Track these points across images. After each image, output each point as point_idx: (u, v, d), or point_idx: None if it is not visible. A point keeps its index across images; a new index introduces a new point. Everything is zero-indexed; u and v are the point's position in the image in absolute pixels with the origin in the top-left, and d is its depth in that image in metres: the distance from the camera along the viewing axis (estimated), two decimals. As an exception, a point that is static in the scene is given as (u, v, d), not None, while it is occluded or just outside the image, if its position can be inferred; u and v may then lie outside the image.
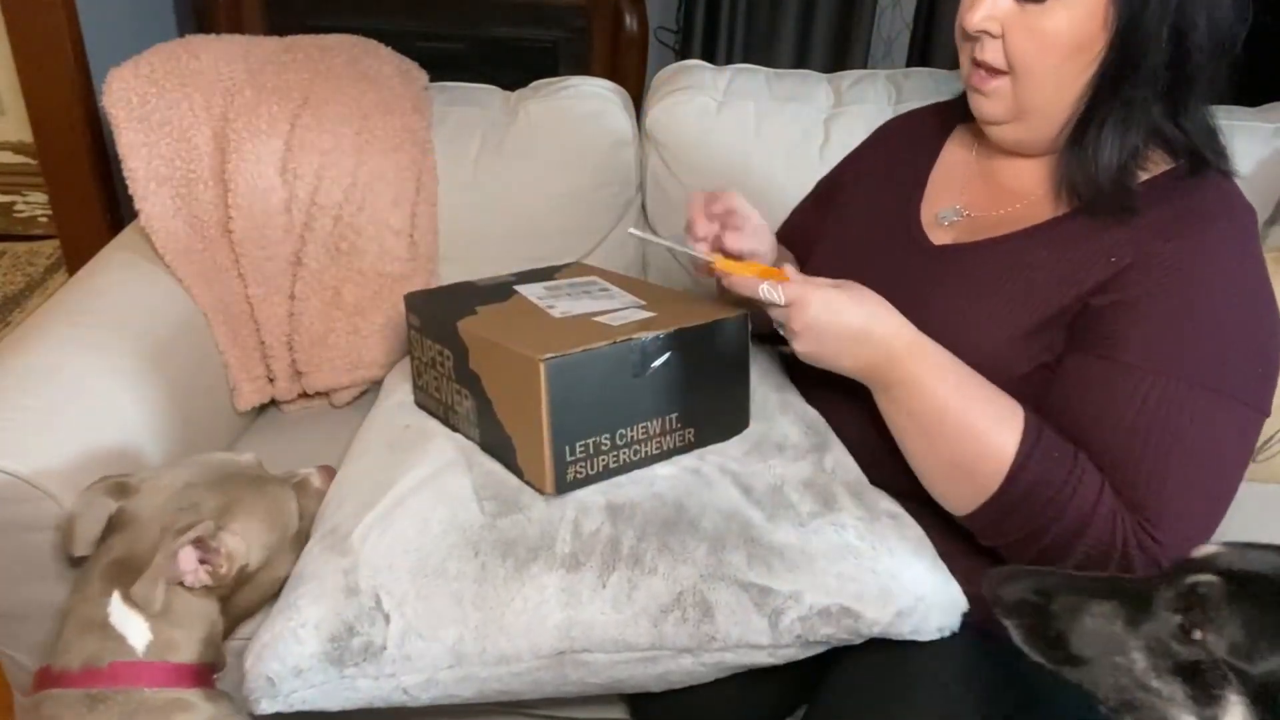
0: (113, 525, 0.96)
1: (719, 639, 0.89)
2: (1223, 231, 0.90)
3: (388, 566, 0.92)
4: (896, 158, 1.17)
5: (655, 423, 1.00)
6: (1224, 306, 0.88)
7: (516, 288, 1.15)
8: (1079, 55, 0.91)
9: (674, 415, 1.01)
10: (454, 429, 1.10)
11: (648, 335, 0.97)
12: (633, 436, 0.99)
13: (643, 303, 1.07)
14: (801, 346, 0.91)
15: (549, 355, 0.91)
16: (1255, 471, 1.39)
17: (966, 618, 0.95)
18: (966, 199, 1.08)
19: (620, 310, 1.05)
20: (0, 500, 1.01)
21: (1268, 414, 0.91)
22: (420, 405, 1.17)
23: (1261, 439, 1.37)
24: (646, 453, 1.01)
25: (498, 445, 1.03)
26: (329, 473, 1.12)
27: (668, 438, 1.02)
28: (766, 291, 0.90)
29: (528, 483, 0.99)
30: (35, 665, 0.96)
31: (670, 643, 0.90)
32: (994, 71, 0.95)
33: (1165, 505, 0.87)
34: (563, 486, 0.97)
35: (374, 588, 0.91)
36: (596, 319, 1.02)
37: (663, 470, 1.02)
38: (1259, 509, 1.34)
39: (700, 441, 1.05)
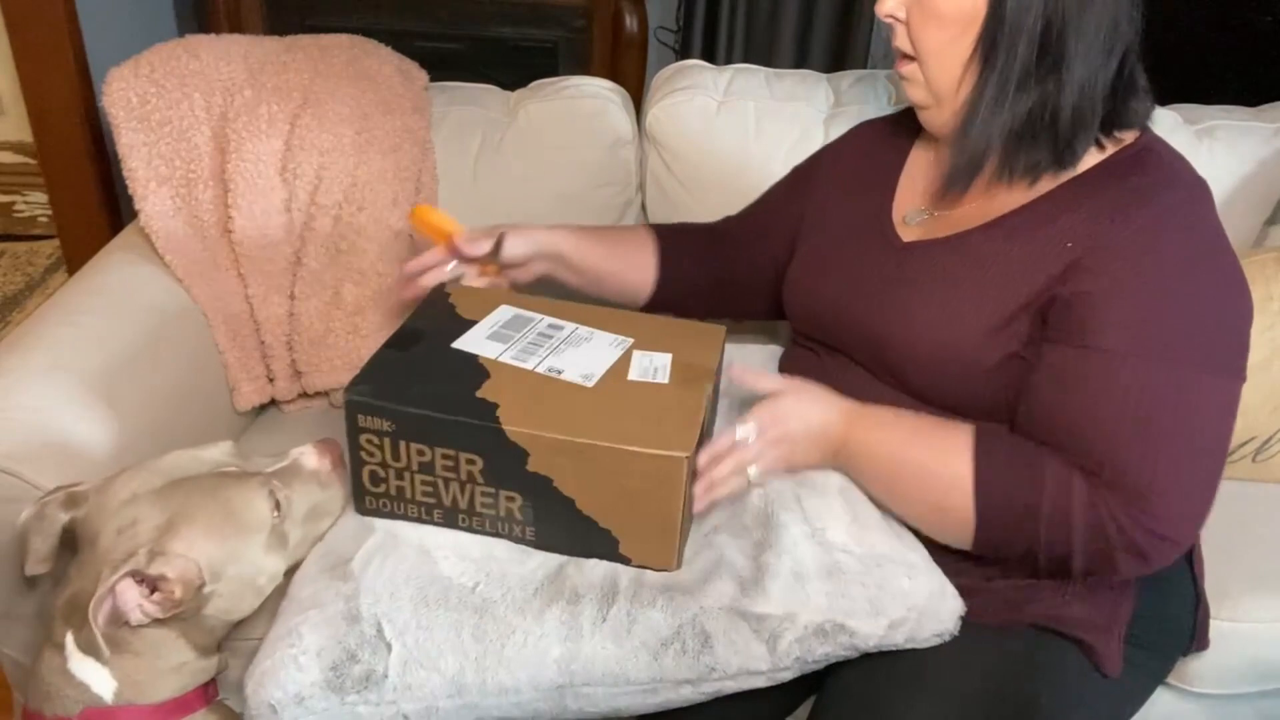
0: (68, 541, 0.91)
1: (719, 669, 0.90)
2: (1168, 203, 0.93)
3: (390, 595, 0.92)
4: (870, 161, 1.20)
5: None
6: (1182, 280, 0.91)
7: (462, 347, 1.01)
8: (967, 32, 0.94)
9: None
10: (465, 529, 0.98)
11: (712, 394, 1.01)
12: None
13: (619, 336, 1.06)
14: (767, 464, 0.98)
15: (687, 453, 0.90)
16: (1255, 471, 1.39)
17: (971, 611, 0.95)
18: (932, 199, 1.10)
19: (616, 350, 1.03)
20: None
21: (1243, 378, 0.92)
22: (371, 513, 0.99)
23: (1262, 439, 1.37)
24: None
25: (577, 539, 0.96)
26: (328, 449, 1.00)
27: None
28: (743, 432, 0.96)
29: (638, 566, 0.96)
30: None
31: (670, 675, 0.90)
32: (906, 57, 1.01)
33: (1158, 487, 0.88)
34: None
35: (376, 615, 0.90)
36: (633, 380, 0.99)
37: None
38: (1259, 509, 1.34)
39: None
